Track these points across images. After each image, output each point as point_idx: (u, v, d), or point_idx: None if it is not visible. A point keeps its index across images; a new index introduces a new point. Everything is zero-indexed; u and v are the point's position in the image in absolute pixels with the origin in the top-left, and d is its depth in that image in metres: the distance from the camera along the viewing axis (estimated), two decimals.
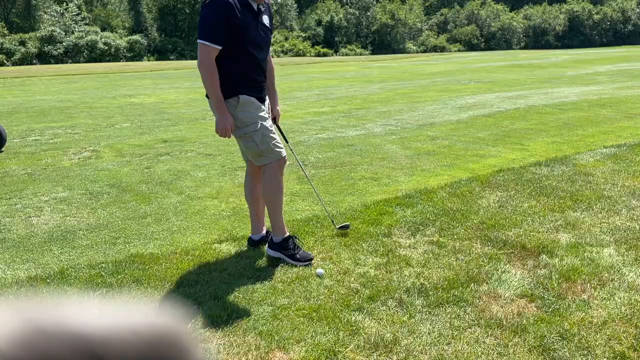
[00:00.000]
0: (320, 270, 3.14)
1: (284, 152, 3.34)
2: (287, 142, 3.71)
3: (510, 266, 3.18)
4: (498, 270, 3.12)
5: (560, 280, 2.97)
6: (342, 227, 3.75)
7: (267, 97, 3.49)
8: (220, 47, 3.08)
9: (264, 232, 3.65)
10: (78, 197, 4.83)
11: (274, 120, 3.56)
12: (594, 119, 8.31)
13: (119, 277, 3.11)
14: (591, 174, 5.09)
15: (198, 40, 3.10)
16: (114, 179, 5.42)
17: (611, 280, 2.97)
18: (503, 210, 4.12)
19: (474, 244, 3.51)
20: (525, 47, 55.35)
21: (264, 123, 3.26)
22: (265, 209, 3.56)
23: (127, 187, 5.12)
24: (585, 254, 3.30)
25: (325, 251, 3.45)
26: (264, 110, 3.33)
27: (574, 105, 9.91)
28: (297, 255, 3.27)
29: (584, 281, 2.97)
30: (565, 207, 4.16)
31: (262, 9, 3.28)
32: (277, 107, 3.59)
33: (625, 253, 3.33)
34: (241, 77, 3.21)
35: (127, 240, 3.77)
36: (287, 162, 5.92)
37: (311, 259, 3.28)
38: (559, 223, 3.84)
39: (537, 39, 57.26)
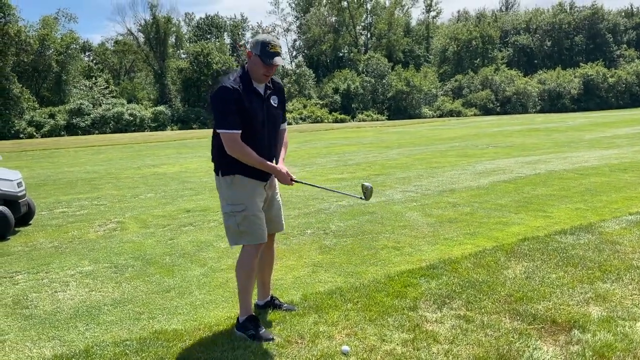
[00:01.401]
0: (345, 348, 3.08)
1: (264, 238, 3.42)
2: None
3: (541, 342, 3.09)
4: (529, 347, 3.03)
5: (594, 357, 2.87)
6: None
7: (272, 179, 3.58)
8: (240, 131, 3.23)
9: (269, 297, 3.79)
10: (103, 270, 4.89)
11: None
12: (616, 184, 8.24)
13: (143, 355, 3.09)
14: (618, 242, 5.00)
15: (218, 130, 3.26)
16: (139, 251, 5.49)
17: None
18: (530, 282, 4.05)
19: (503, 318, 3.42)
20: (541, 111, 55.81)
21: (252, 206, 3.36)
22: (272, 274, 3.76)
23: (151, 260, 5.16)
24: (618, 329, 3.20)
25: (350, 326, 3.40)
26: (259, 194, 3.40)
27: (595, 170, 9.86)
28: (257, 336, 3.30)
29: (619, 358, 2.86)
30: (594, 278, 4.07)
31: (270, 91, 3.43)
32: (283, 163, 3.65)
33: None
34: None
35: (151, 316, 3.77)
36: (308, 231, 5.99)
37: (271, 340, 3.27)
38: (589, 295, 3.74)
39: (553, 102, 57.80)
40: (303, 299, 3.89)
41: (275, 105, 3.46)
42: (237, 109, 3.21)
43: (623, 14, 76.90)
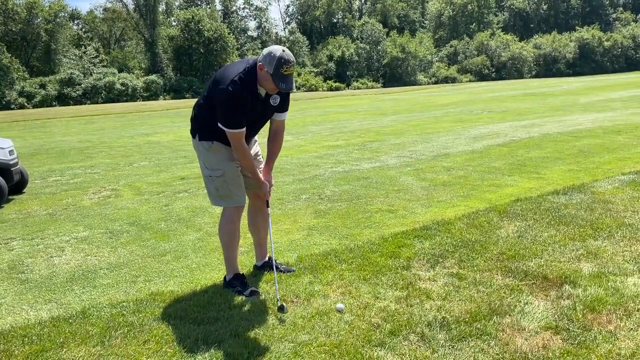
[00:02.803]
0: (340, 305, 3.12)
1: (242, 202, 3.46)
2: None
3: (532, 297, 3.13)
4: (521, 302, 3.07)
5: (585, 312, 2.91)
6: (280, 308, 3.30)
7: (252, 146, 3.59)
8: (244, 129, 3.22)
9: (267, 258, 3.82)
10: (98, 236, 4.90)
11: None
12: (610, 146, 8.26)
13: (140, 315, 3.12)
14: (610, 201, 5.03)
15: (224, 128, 3.20)
16: (134, 217, 5.49)
17: (637, 310, 2.91)
18: (522, 241, 4.09)
19: (495, 276, 3.47)
20: (537, 76, 55.54)
21: (230, 171, 3.38)
22: (268, 236, 3.74)
23: (147, 225, 5.18)
24: (609, 284, 3.24)
25: (344, 285, 3.44)
26: (236, 162, 3.38)
27: (589, 132, 9.87)
28: (243, 292, 3.38)
29: (610, 312, 2.91)
30: (585, 236, 4.11)
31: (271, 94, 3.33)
32: (271, 174, 3.62)
33: None
34: (221, 134, 3.28)
35: (148, 279, 3.79)
36: (303, 196, 6.00)
37: (257, 294, 3.36)
38: (580, 252, 3.79)
39: (548, 67, 57.50)
40: (298, 261, 3.92)
41: (274, 104, 3.39)
42: (241, 110, 3.18)
43: None
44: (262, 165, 3.65)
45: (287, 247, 4.36)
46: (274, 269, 3.53)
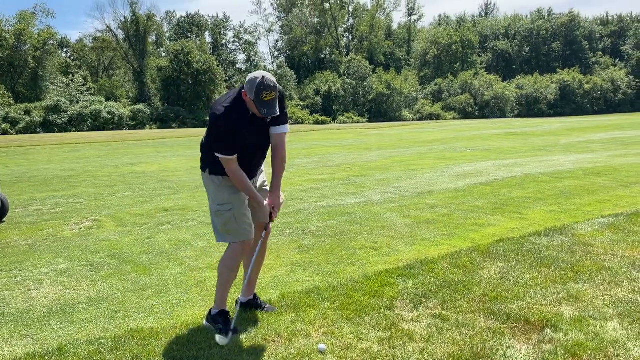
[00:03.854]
0: (322, 346, 3.09)
1: (250, 236, 3.45)
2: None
3: (514, 341, 3.14)
4: (503, 345, 3.08)
5: (566, 356, 2.92)
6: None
7: (258, 177, 3.65)
8: (235, 156, 3.26)
9: (252, 296, 3.75)
10: (78, 268, 4.82)
11: (272, 210, 3.54)
12: (590, 188, 8.42)
13: (118, 353, 3.06)
14: (591, 244, 5.11)
15: (215, 153, 3.26)
16: (115, 250, 5.42)
17: (617, 356, 2.93)
18: (505, 282, 4.11)
19: (478, 318, 3.47)
20: (519, 115, 56.70)
21: (238, 205, 3.39)
22: (258, 274, 3.77)
23: (128, 258, 5.11)
24: (590, 328, 3.27)
25: (327, 325, 3.41)
26: (244, 195, 3.42)
27: (570, 173, 10.06)
28: (224, 330, 3.30)
29: (590, 357, 2.92)
30: (566, 279, 4.15)
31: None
32: (278, 194, 3.56)
33: (629, 327, 3.30)
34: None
35: (127, 314, 3.73)
36: (287, 231, 5.99)
37: (237, 332, 3.30)
38: (561, 295, 3.82)
39: (530, 107, 58.78)
40: (281, 298, 3.89)
41: (266, 125, 3.42)
42: (232, 135, 3.22)
43: (599, 22, 78.57)
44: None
45: (270, 283, 4.33)
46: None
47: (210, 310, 3.51)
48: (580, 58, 70.94)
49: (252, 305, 3.71)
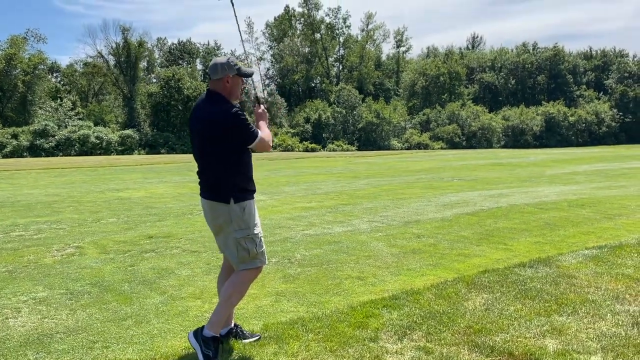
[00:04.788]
0: None
1: (266, 261, 3.58)
2: None
3: None
4: None
5: None
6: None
7: None
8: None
9: (232, 324, 3.71)
10: (58, 297, 4.72)
11: None
12: (574, 219, 8.48)
13: None
14: (574, 276, 5.12)
15: (257, 139, 3.45)
16: (96, 278, 5.33)
17: None
18: (489, 314, 4.09)
19: (462, 350, 3.44)
20: (505, 146, 57.38)
21: (259, 227, 3.55)
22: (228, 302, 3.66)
23: (109, 287, 5.02)
24: None
25: (310, 357, 3.36)
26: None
27: (555, 204, 10.14)
28: (211, 359, 3.26)
29: None
30: (550, 311, 4.14)
31: None
32: None
33: None
34: (247, 180, 3.49)
35: (106, 345, 3.64)
36: (273, 260, 5.94)
37: None
38: (545, 328, 3.80)
39: (516, 138, 59.55)
40: (264, 329, 3.83)
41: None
42: None
43: (582, 56, 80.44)
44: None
45: (254, 313, 4.27)
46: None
47: (203, 329, 3.37)
48: (565, 91, 72.35)
49: (234, 335, 3.65)
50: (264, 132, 3.56)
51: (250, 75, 3.57)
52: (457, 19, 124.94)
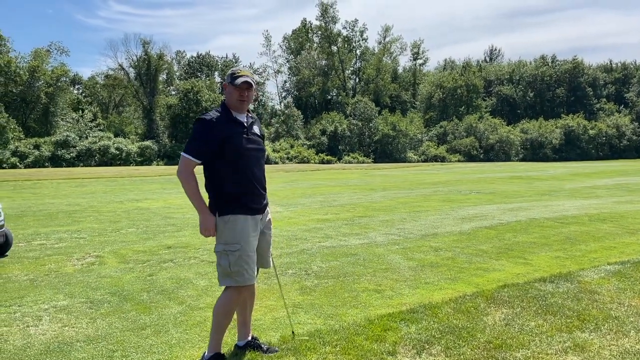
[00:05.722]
0: None
1: (252, 281, 3.42)
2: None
3: None
4: None
5: None
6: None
7: (266, 214, 3.60)
8: (199, 162, 3.34)
9: (250, 337, 3.69)
10: (78, 305, 4.78)
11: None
12: (595, 234, 8.35)
13: None
14: (597, 292, 5.03)
15: (182, 153, 3.35)
16: (116, 287, 5.38)
17: None
18: (509, 329, 4.03)
19: None
20: (524, 159, 56.84)
21: (247, 247, 3.36)
22: (251, 314, 3.71)
23: (129, 296, 5.07)
24: None
25: None
26: (253, 230, 3.41)
27: (575, 219, 9.99)
28: None
29: None
30: (572, 327, 4.07)
31: (252, 120, 3.54)
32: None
33: None
34: (235, 195, 3.35)
35: (125, 354, 3.67)
36: (290, 271, 5.94)
37: None
38: (567, 345, 3.73)
39: (535, 151, 58.97)
40: (281, 341, 3.83)
41: (258, 134, 3.53)
42: (214, 139, 3.28)
43: (602, 69, 79.63)
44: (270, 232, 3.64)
45: (271, 325, 4.27)
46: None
47: (204, 355, 3.44)
48: (585, 104, 71.61)
49: (251, 347, 3.65)
50: (185, 176, 3.32)
51: (238, 84, 3.37)
52: (475, 32, 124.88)
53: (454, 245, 7.56)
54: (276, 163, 45.38)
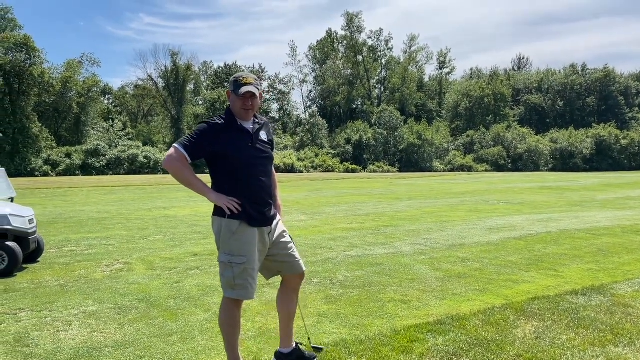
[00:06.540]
0: None
1: (252, 297, 3.32)
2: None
3: None
4: None
5: None
6: (316, 348, 3.74)
7: (276, 214, 3.49)
8: (187, 157, 3.16)
9: (294, 345, 3.61)
10: (107, 311, 4.85)
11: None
12: (629, 246, 8.12)
13: None
14: (631, 305, 4.88)
15: (175, 145, 3.18)
16: (144, 293, 5.45)
17: None
18: (540, 343, 3.94)
19: None
20: (553, 169, 55.72)
21: (252, 260, 3.24)
22: (293, 322, 3.64)
23: (156, 302, 5.12)
24: None
25: None
26: (261, 242, 3.30)
27: (608, 230, 9.75)
28: None
29: None
30: (605, 342, 3.95)
31: (258, 125, 3.37)
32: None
33: None
34: (242, 204, 3.21)
35: None
36: (315, 280, 5.92)
37: None
38: (600, 359, 3.63)
39: (565, 161, 57.75)
40: (307, 351, 3.81)
41: (266, 140, 3.38)
42: (211, 145, 3.17)
43: (635, 77, 77.78)
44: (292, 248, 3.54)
45: (296, 334, 4.25)
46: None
47: None
48: (616, 113, 69.95)
49: (294, 356, 3.55)
50: (178, 164, 3.16)
51: (241, 94, 3.21)
52: (502, 40, 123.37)
53: (482, 256, 7.45)
54: (301, 172, 45.50)
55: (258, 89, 3.31)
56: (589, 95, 71.93)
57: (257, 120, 3.39)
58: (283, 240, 3.49)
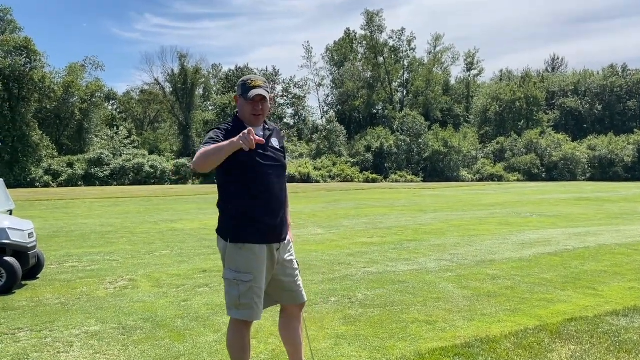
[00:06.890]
0: None
1: (259, 317, 3.29)
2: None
3: None
4: None
5: None
6: None
7: (287, 233, 3.44)
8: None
9: None
10: (110, 331, 4.90)
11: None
12: None
13: None
14: None
15: (199, 152, 3.04)
16: (149, 312, 5.50)
17: None
18: None
19: None
20: (592, 179, 55.03)
21: (260, 277, 3.22)
22: (303, 349, 3.59)
23: (162, 322, 5.16)
24: None
25: None
26: (269, 260, 3.28)
27: None
28: None
29: None
30: None
31: (269, 132, 3.37)
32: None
33: None
34: (250, 219, 3.20)
35: None
36: (332, 299, 5.92)
37: None
38: None
39: (604, 170, 57.00)
40: None
41: (278, 148, 3.37)
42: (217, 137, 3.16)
43: None
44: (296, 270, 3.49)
45: (311, 357, 4.25)
46: None
47: None
48: None
49: None
50: (206, 147, 3.04)
51: (250, 98, 3.22)
52: (534, 40, 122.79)
53: (514, 273, 7.38)
54: (317, 182, 45.58)
55: (268, 92, 3.31)
56: (630, 98, 71.00)
57: (267, 127, 3.39)
58: (291, 266, 3.46)
